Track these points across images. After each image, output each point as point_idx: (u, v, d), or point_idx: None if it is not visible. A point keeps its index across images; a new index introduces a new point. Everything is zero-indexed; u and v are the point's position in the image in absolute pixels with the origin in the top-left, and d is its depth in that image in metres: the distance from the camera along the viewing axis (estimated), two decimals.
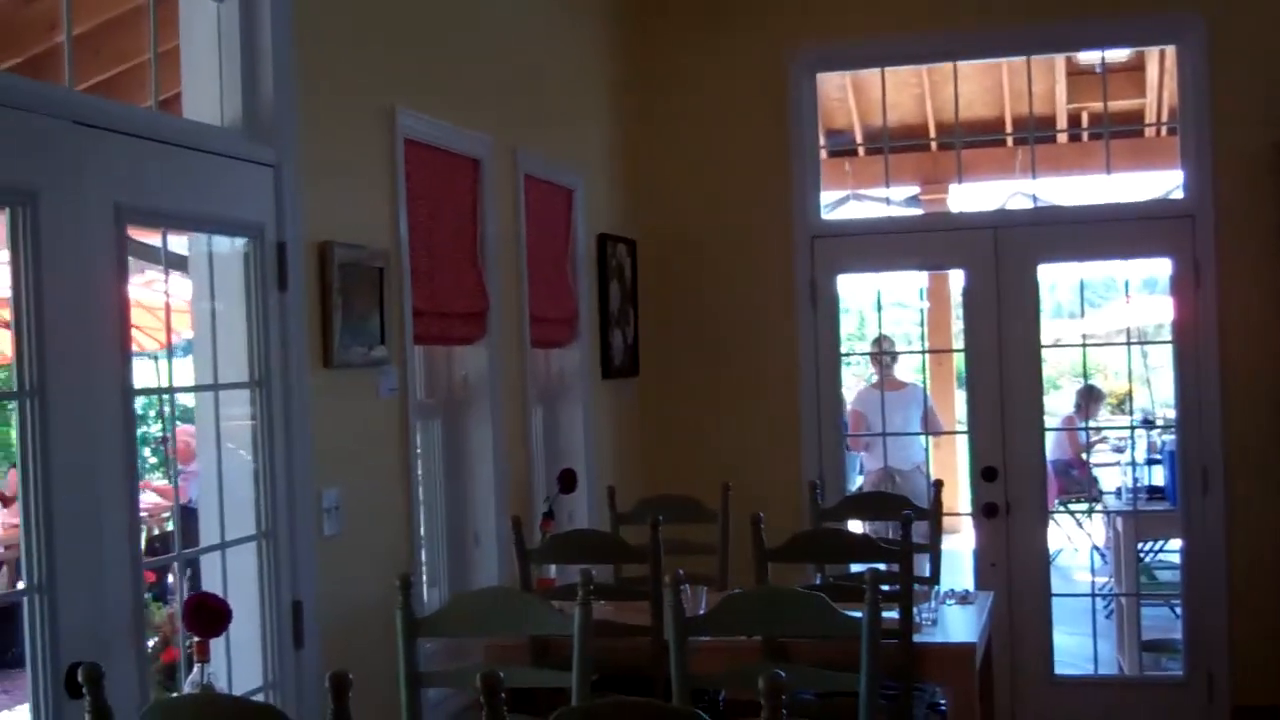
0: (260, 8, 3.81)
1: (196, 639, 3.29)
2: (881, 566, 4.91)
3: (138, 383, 3.38)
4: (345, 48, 4.26)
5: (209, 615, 3.29)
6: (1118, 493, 9.34)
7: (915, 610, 4.55)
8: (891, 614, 4.31)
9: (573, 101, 6.39)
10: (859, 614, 3.68)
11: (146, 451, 12.16)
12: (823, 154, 8.09)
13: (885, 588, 4.33)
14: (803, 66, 6.99)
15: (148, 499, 9.35)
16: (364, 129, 4.37)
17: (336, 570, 4.06)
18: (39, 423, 2.95)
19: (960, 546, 8.06)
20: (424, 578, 4.94)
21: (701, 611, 4.36)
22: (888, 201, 8.49)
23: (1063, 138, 10.54)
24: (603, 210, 6.59)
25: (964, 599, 5.13)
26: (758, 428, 7.00)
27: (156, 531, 9.30)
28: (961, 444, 8.80)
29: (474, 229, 5.14)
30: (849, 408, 9.51)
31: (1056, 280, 9.06)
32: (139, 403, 3.54)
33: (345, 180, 4.23)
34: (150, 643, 6.09)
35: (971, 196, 11.24)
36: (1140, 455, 9.48)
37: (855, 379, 11.60)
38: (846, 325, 10.27)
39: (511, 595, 3.79)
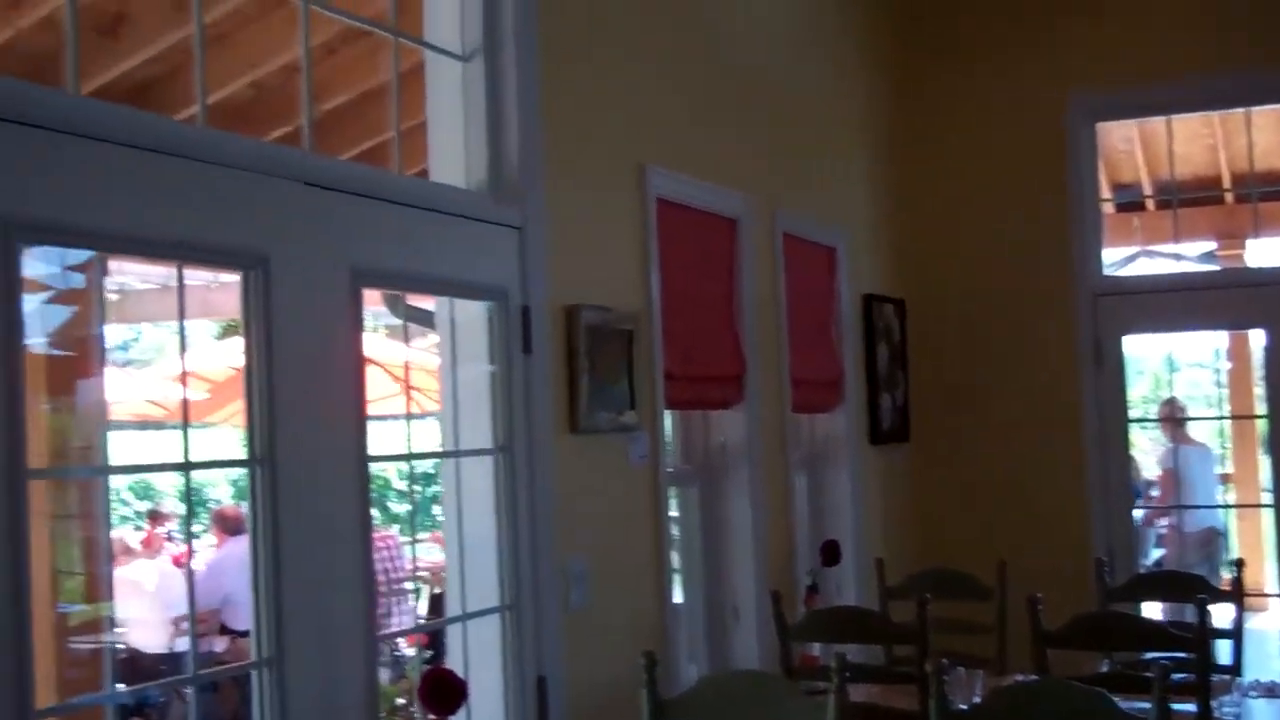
0: (505, 66, 3.73)
1: (433, 717, 3.18)
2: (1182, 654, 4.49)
3: (396, 448, 3.35)
4: (593, 106, 4.15)
5: (445, 692, 3.17)
6: None
7: (1215, 704, 4.10)
8: (1188, 708, 3.89)
9: (835, 156, 6.18)
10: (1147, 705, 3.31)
11: (436, 509, 12.39)
12: (1109, 208, 7.66)
13: (1180, 676, 3.94)
14: (1081, 115, 6.62)
15: (433, 557, 9.46)
16: (613, 188, 4.24)
17: (583, 645, 3.90)
18: (270, 491, 2.88)
19: (1268, 626, 7.41)
20: (681, 653, 4.75)
21: (976, 698, 4.02)
22: (1177, 258, 7.95)
23: None
24: (868, 269, 6.34)
25: (1271, 691, 4.63)
26: (1039, 497, 6.59)
27: (438, 590, 9.36)
28: (1266, 517, 8.14)
29: (730, 290, 4.97)
30: (1157, 471, 9.02)
31: None
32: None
33: (593, 241, 4.11)
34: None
35: (1272, 252, 10.50)
36: None
37: (1150, 443, 11.01)
38: (1138, 388, 9.71)
39: (761, 680, 3.54)
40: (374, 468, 3.17)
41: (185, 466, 2.94)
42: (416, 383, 8.62)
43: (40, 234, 2.50)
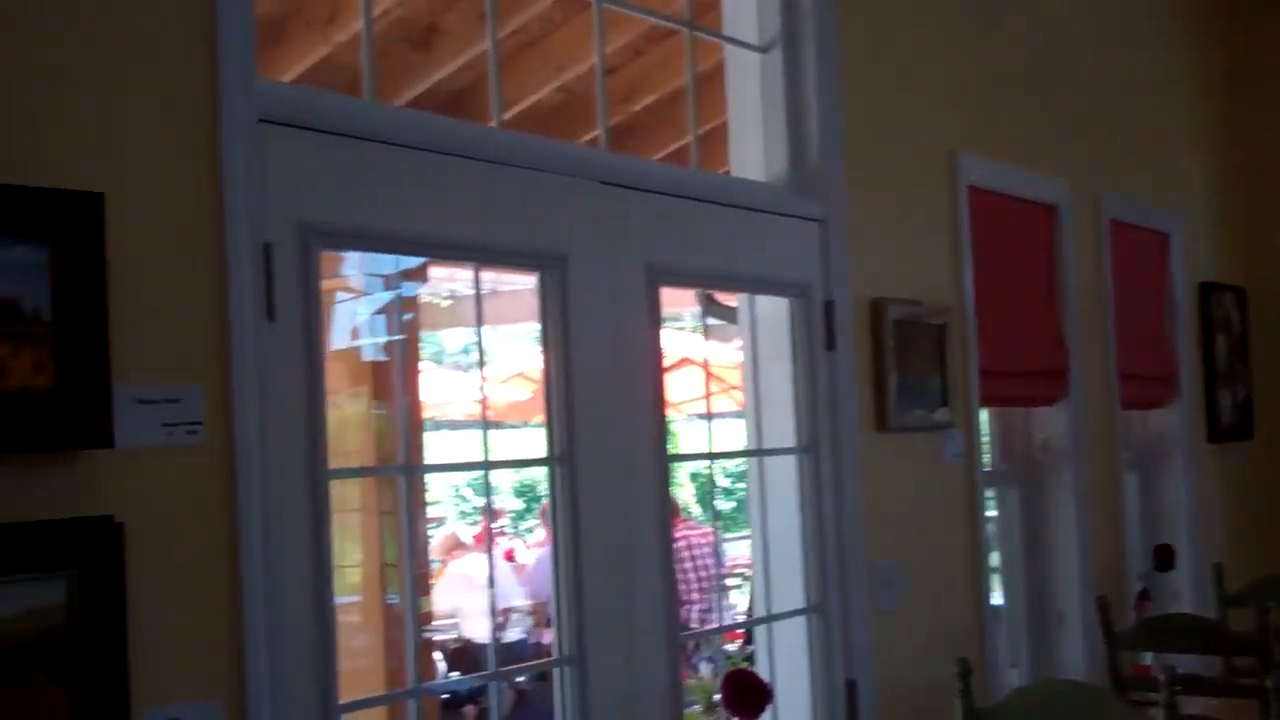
0: (805, 54, 3.64)
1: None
2: None
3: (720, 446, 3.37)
4: (898, 92, 4.02)
5: (748, 695, 3.13)
6: None
7: None
8: None
9: (1167, 135, 5.83)
10: None
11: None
12: None
13: None
14: None
15: (745, 553, 9.46)
16: (920, 177, 4.10)
17: (895, 648, 3.78)
18: (569, 490, 2.89)
19: None
20: (1001, 659, 4.56)
21: None
22: None
23: None
24: (1205, 256, 5.96)
25: None
26: None
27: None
28: None
29: (1050, 281, 4.74)
30: None
31: None
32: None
33: (899, 233, 3.98)
34: None
35: None
36: None
37: None
38: None
39: (1080, 691, 3.34)
40: (699, 465, 3.15)
41: (485, 465, 2.98)
42: (735, 382, 8.62)
43: (339, 239, 2.56)
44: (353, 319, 6.01)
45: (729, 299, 4.74)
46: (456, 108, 5.11)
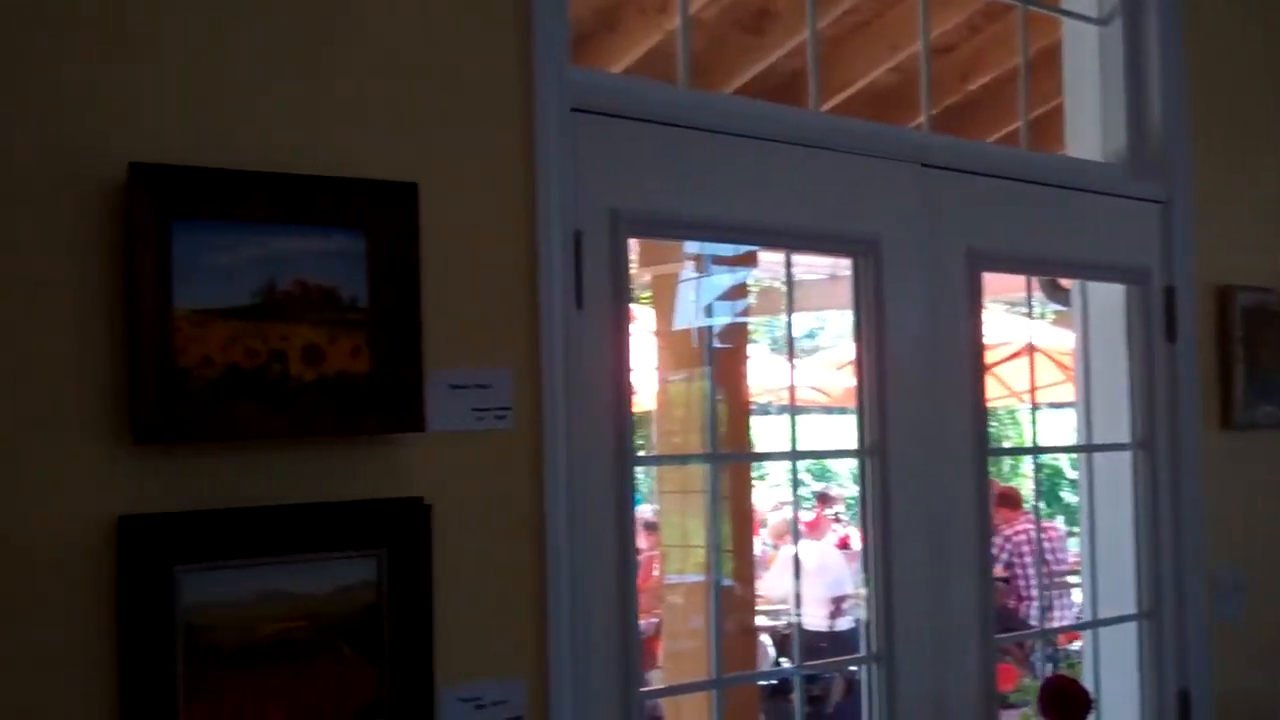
0: (1148, 26, 3.43)
1: None
2: None
3: (1066, 437, 3.20)
4: (1250, 64, 3.75)
5: (1065, 702, 3.00)
6: None
7: None
8: None
9: None
10: None
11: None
12: None
13: None
14: None
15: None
16: (1276, 156, 3.82)
17: (1235, 660, 3.54)
18: (880, 482, 2.82)
19: None
20: None
21: None
22: None
23: None
24: None
25: None
26: None
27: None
28: None
29: None
30: None
31: None
32: None
33: (1250, 215, 3.71)
34: None
35: None
36: None
37: None
38: None
39: None
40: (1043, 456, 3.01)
41: (793, 455, 2.95)
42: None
43: (650, 227, 2.58)
44: (688, 303, 6.08)
45: (1070, 284, 4.55)
46: (790, 90, 5.07)
